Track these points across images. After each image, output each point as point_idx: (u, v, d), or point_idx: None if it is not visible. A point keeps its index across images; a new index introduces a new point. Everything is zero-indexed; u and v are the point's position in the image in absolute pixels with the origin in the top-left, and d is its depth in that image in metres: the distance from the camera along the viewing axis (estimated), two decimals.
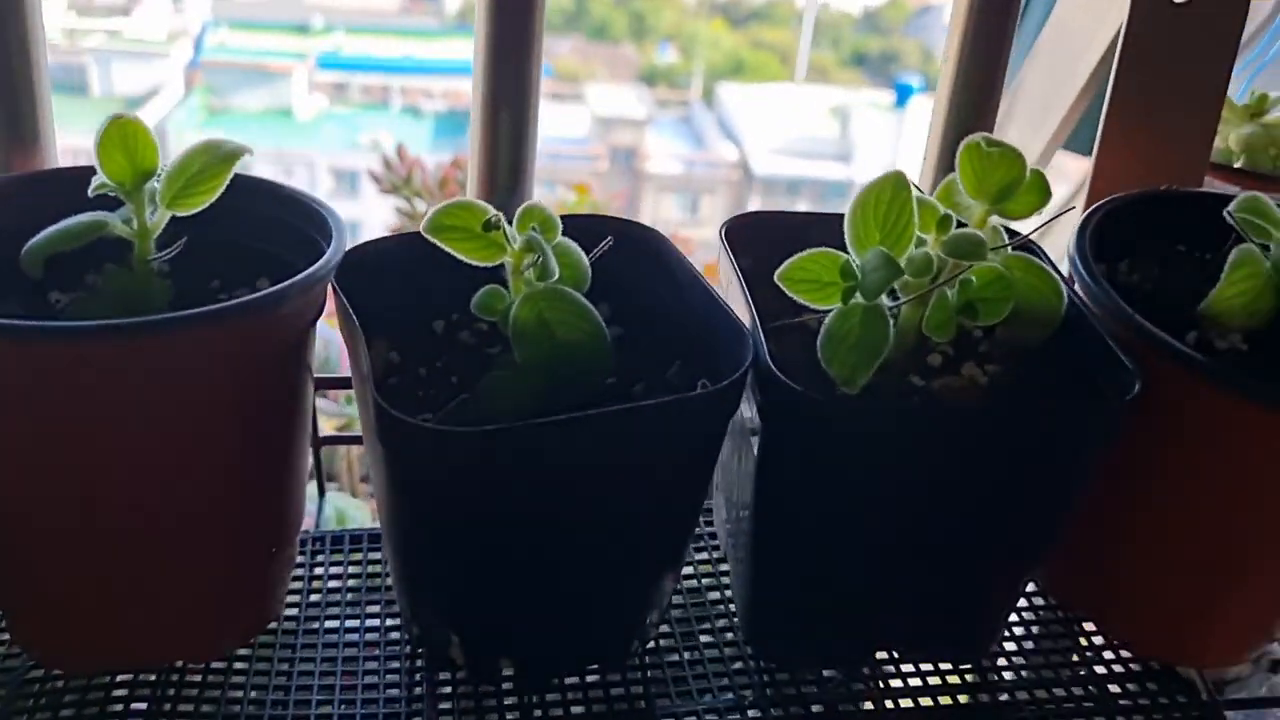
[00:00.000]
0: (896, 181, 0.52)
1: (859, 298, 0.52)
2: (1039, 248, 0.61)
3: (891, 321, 0.52)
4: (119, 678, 0.57)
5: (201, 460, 0.52)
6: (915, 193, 0.53)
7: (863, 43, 9.70)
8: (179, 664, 0.58)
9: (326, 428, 1.16)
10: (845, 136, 8.85)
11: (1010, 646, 0.64)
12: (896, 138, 8.60)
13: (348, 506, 1.00)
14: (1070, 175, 1.25)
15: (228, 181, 0.55)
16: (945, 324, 0.53)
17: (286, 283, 0.50)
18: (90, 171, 0.54)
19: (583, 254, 0.56)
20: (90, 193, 0.54)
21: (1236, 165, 0.79)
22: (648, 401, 0.51)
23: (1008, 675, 0.62)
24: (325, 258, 0.53)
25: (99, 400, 0.48)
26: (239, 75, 9.13)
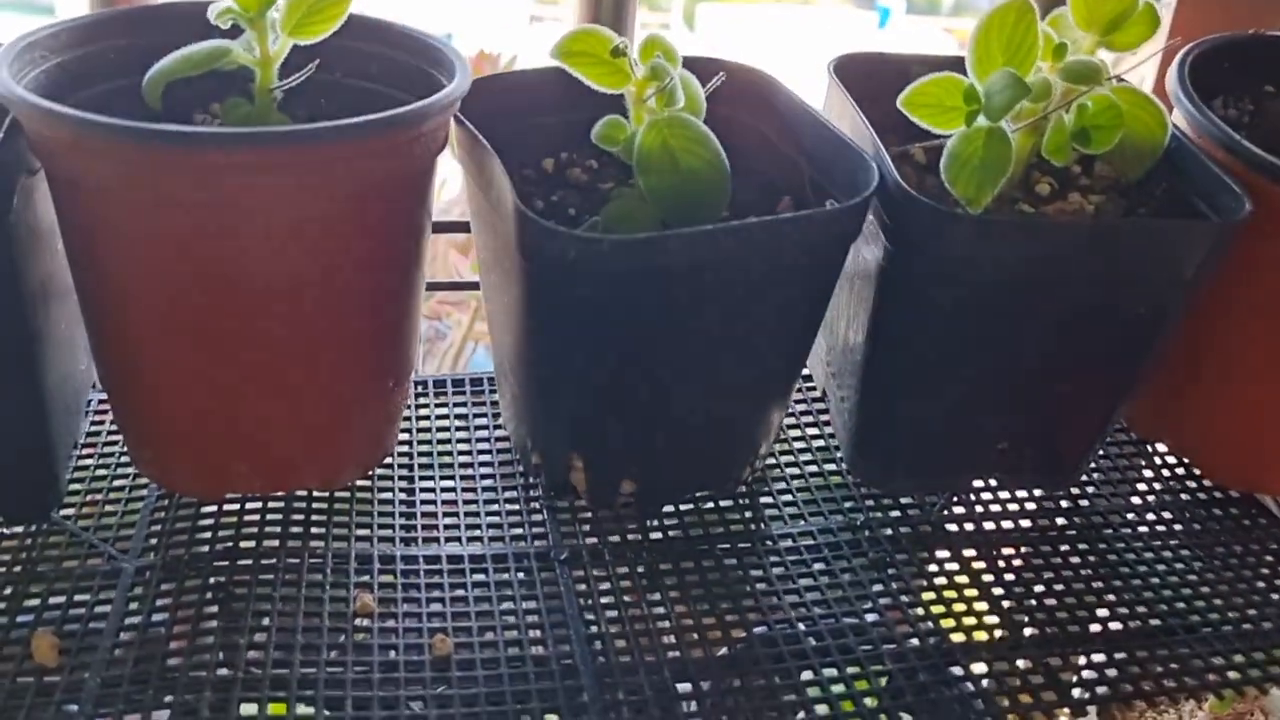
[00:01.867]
0: (1021, 5, 0.53)
1: (982, 120, 0.53)
2: (1138, 86, 0.62)
3: (1013, 145, 0.53)
4: (249, 504, 0.58)
5: (332, 283, 0.53)
6: None
7: None
8: (305, 493, 0.59)
9: None
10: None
11: (1099, 476, 0.66)
12: None
13: None
14: None
15: (349, 10, 0.55)
16: (1063, 147, 0.55)
17: (427, 100, 0.51)
18: (203, 6, 0.54)
19: (699, 86, 0.57)
20: (213, 18, 0.54)
21: None
22: (780, 215, 0.52)
23: (1098, 502, 0.64)
24: (455, 83, 0.54)
25: (241, 213, 0.49)
26: None
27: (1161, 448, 0.68)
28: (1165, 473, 0.67)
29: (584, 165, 0.61)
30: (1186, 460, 0.67)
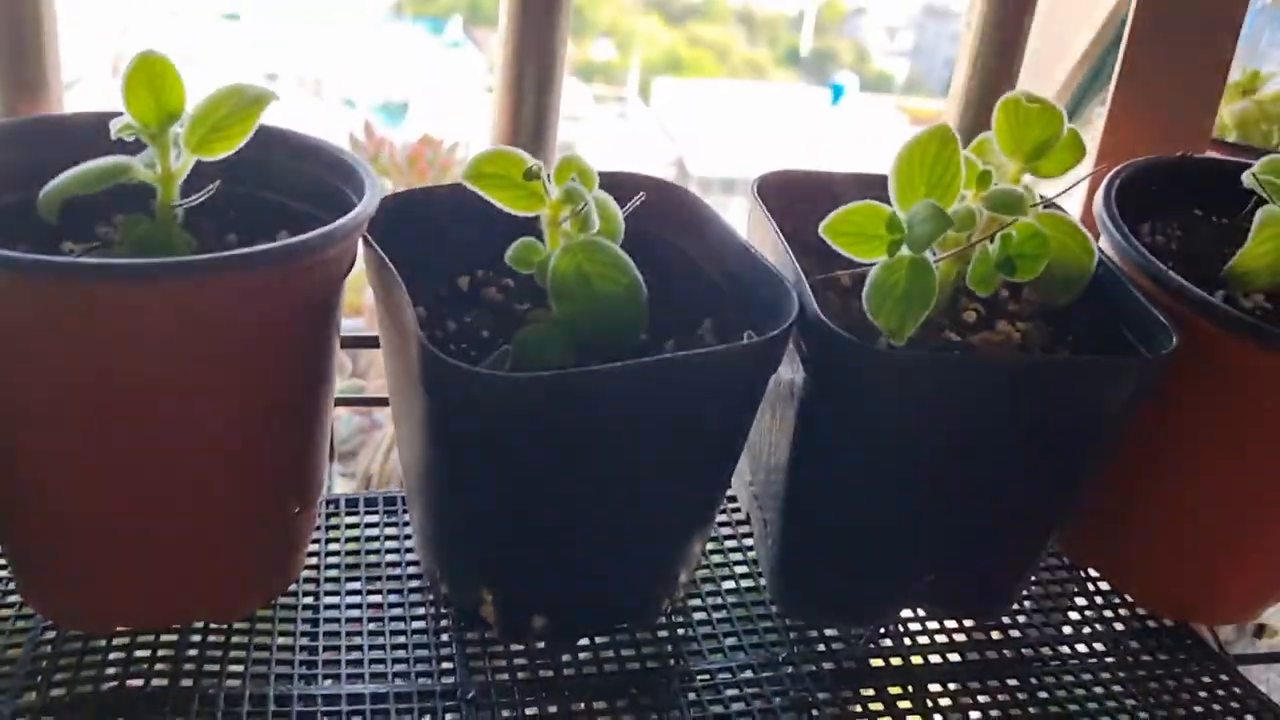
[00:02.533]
0: (943, 134, 0.52)
1: (905, 250, 0.52)
2: (1062, 210, 0.62)
3: (936, 275, 0.52)
4: (139, 638, 0.55)
5: (230, 412, 0.51)
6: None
7: (798, 41, 9.77)
8: (200, 625, 0.56)
9: None
10: (781, 135, 8.90)
11: (1030, 604, 0.64)
12: (831, 137, 8.67)
13: None
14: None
15: (255, 127, 0.53)
16: (987, 278, 0.54)
17: (329, 226, 0.49)
18: (104, 118, 0.53)
19: (618, 207, 0.55)
20: (114, 134, 0.52)
21: (1230, 140, 0.81)
22: (702, 350, 0.50)
23: (1029, 631, 0.62)
24: (363, 204, 0.52)
25: (130, 347, 0.47)
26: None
27: (1095, 573, 0.67)
28: (1099, 599, 0.65)
29: (500, 284, 0.59)
30: (1119, 588, 0.65)
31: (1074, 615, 0.64)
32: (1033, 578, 0.65)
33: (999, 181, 0.56)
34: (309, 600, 0.59)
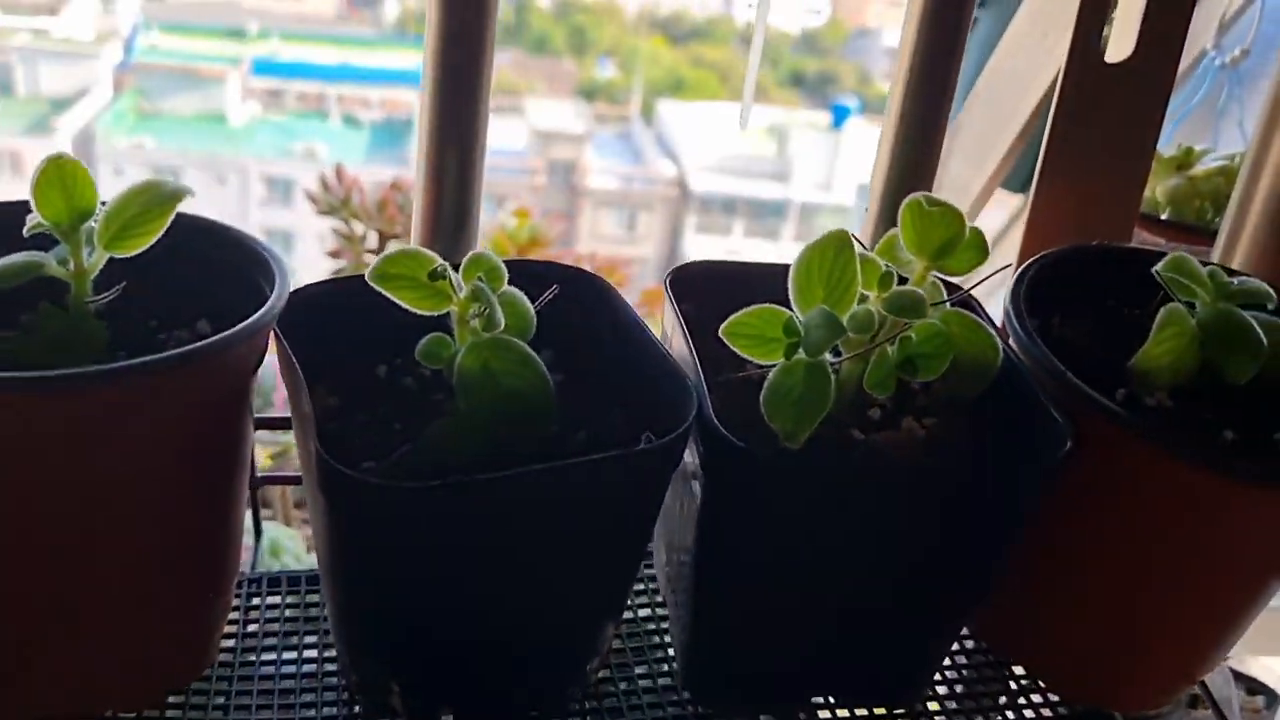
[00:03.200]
0: (840, 240, 0.53)
1: (802, 354, 0.53)
2: (976, 301, 0.63)
3: (833, 377, 0.53)
4: None
5: (137, 508, 0.51)
6: (858, 248, 0.54)
7: (801, 63, 9.80)
8: (108, 714, 0.57)
9: (261, 456, 1.14)
10: (782, 156, 8.93)
11: (942, 690, 0.65)
12: (832, 158, 8.70)
13: (281, 536, 0.99)
14: (1008, 205, 1.28)
15: (167, 224, 0.54)
16: (885, 380, 0.55)
17: (229, 331, 0.50)
18: (22, 206, 0.54)
19: (528, 302, 0.56)
20: (25, 233, 0.53)
21: (1163, 216, 0.81)
22: (591, 456, 0.51)
23: None
24: (269, 304, 0.53)
25: (28, 448, 0.47)
26: (170, 78, 8.97)
27: (1011, 660, 0.67)
28: (1013, 685, 0.66)
29: (416, 374, 0.60)
30: (1033, 675, 0.66)
31: (988, 703, 0.64)
32: (948, 664, 0.66)
33: (909, 278, 0.57)
34: (221, 686, 0.59)
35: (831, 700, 0.63)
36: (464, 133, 0.64)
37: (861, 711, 0.63)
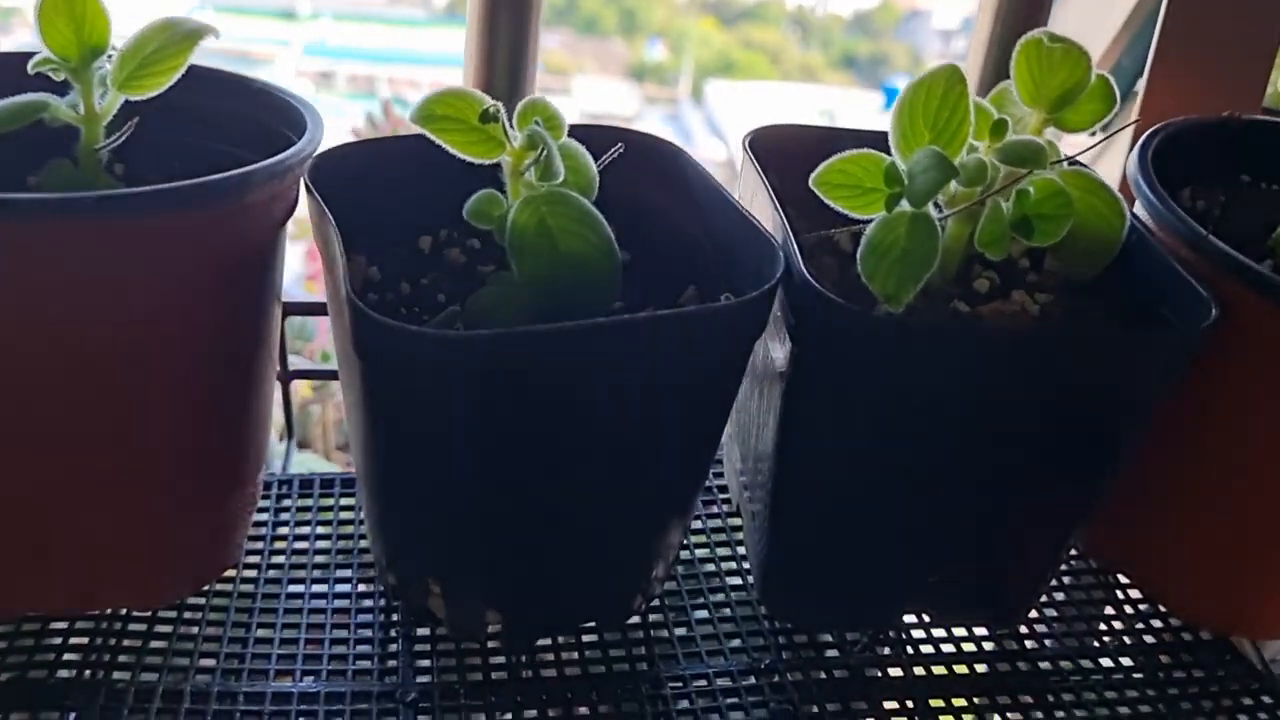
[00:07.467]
0: (950, 75, 0.46)
1: (905, 205, 0.46)
2: (1092, 171, 0.55)
3: (940, 234, 0.46)
4: (51, 625, 0.50)
5: (148, 374, 0.46)
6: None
7: (852, 45, 9.66)
8: (121, 611, 0.51)
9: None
10: None
11: (1050, 612, 0.58)
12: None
13: (318, 467, 0.93)
14: None
15: (188, 63, 0.48)
16: (999, 239, 0.47)
17: (252, 166, 0.44)
18: (27, 56, 0.48)
19: (590, 158, 0.50)
20: (30, 69, 0.47)
21: None
22: (670, 310, 0.44)
23: (1048, 642, 0.56)
24: (298, 146, 0.47)
25: (31, 293, 0.42)
26: (224, 60, 9.01)
27: (1125, 579, 0.60)
28: (1128, 609, 0.58)
29: (465, 245, 0.54)
30: (1151, 597, 0.59)
31: (1099, 626, 0.57)
32: (1053, 583, 0.59)
33: (1019, 133, 0.50)
34: (247, 589, 0.54)
35: (926, 619, 0.56)
36: None
37: (960, 631, 0.56)
